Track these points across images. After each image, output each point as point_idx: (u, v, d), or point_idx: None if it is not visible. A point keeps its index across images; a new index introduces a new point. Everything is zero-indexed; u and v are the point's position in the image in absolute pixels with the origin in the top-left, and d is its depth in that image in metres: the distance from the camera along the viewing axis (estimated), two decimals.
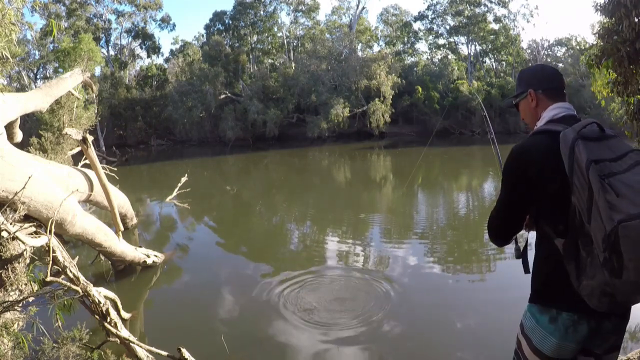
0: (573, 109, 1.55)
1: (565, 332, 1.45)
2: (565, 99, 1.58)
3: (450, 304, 4.70)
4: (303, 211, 10.32)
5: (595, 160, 1.28)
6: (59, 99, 7.99)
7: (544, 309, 1.49)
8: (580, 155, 1.30)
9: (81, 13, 27.54)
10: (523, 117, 1.68)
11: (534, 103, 1.59)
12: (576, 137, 1.34)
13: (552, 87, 1.58)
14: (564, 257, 1.41)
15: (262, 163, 20.57)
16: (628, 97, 4.40)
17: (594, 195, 1.25)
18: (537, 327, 1.50)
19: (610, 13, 4.17)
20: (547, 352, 1.49)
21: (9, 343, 2.89)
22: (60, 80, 6.54)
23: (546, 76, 1.61)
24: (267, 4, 30.71)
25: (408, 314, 4.44)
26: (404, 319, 4.30)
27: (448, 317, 4.37)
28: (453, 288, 5.26)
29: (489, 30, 32.09)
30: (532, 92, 1.59)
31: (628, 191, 1.23)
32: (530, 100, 1.60)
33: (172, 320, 4.59)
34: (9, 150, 4.06)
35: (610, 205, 1.22)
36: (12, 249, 3.45)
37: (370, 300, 4.73)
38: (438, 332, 4.15)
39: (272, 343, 3.95)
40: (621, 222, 1.19)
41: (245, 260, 6.57)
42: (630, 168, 1.30)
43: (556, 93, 1.57)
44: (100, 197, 5.96)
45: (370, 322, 4.21)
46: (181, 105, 26.00)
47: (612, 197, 1.22)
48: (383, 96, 26.31)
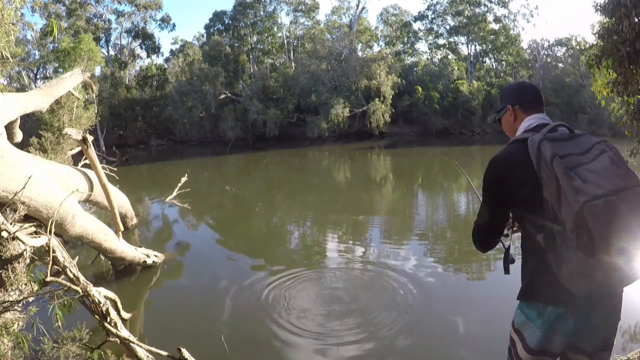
0: (547, 119, 1.66)
1: (552, 325, 1.50)
2: (542, 110, 1.69)
3: (462, 310, 4.68)
4: (303, 211, 10.32)
5: (561, 155, 1.39)
6: (59, 99, 7.99)
7: (532, 304, 1.55)
8: (545, 152, 1.41)
9: (81, 13, 27.52)
10: (505, 130, 1.79)
11: (512, 117, 1.72)
12: (542, 138, 1.45)
13: (528, 101, 1.70)
14: (546, 251, 1.48)
15: (262, 163, 20.57)
16: (628, 97, 4.41)
17: (561, 185, 1.34)
18: (526, 321, 1.57)
19: (610, 13, 4.17)
20: (535, 346, 1.54)
21: (9, 343, 2.89)
22: (60, 80, 6.53)
23: (523, 92, 1.72)
24: (267, 4, 30.74)
25: (413, 316, 4.44)
26: (403, 320, 4.30)
27: (460, 325, 4.36)
28: (462, 292, 5.26)
29: (489, 30, 32.08)
30: (510, 107, 1.72)
31: (593, 176, 1.33)
32: (509, 115, 1.73)
33: (172, 320, 4.59)
34: (9, 150, 4.06)
35: (576, 190, 1.31)
36: (12, 249, 3.45)
37: (371, 301, 4.73)
38: (447, 335, 4.15)
39: (272, 343, 3.95)
40: (586, 203, 1.28)
41: (245, 260, 6.57)
42: (595, 157, 1.40)
43: (532, 107, 1.68)
44: (100, 197, 5.96)
45: (371, 323, 4.21)
46: (181, 105, 26.01)
47: (578, 182, 1.32)
48: (383, 96, 26.32)
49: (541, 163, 1.41)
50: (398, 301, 4.68)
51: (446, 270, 5.75)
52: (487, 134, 26.83)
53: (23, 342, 2.92)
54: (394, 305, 4.57)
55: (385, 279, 5.28)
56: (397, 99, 27.08)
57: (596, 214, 1.27)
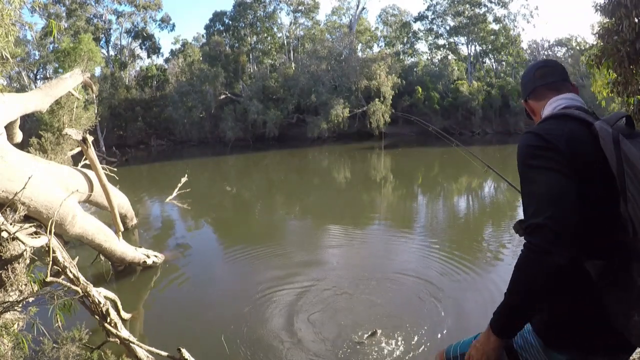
0: (578, 99, 1.30)
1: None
2: (564, 91, 1.33)
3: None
4: (303, 211, 10.31)
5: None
6: (59, 99, 7.99)
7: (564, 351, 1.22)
8: (631, 155, 1.05)
9: (81, 13, 27.56)
10: None
11: (531, 113, 1.43)
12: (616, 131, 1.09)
13: (537, 86, 1.37)
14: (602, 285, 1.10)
15: (262, 163, 20.56)
16: (628, 97, 4.41)
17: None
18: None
19: (610, 13, 4.18)
20: None
21: (9, 343, 2.89)
22: (60, 80, 6.53)
23: (529, 80, 1.41)
24: (267, 4, 30.75)
25: (407, 314, 4.44)
26: (405, 322, 4.30)
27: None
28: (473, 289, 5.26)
29: (489, 31, 32.11)
30: (523, 102, 1.46)
31: None
32: (529, 110, 1.45)
33: (172, 320, 4.59)
34: (9, 151, 4.06)
35: None
36: (12, 249, 3.45)
37: (374, 302, 4.73)
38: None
39: (272, 343, 3.94)
40: None
41: (245, 260, 6.56)
42: None
43: (550, 88, 1.35)
44: (100, 197, 5.95)
45: (373, 324, 4.21)
46: (181, 106, 26.04)
47: None
48: (383, 96, 26.33)
49: (625, 169, 1.04)
50: (409, 309, 4.68)
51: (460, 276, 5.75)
52: (487, 134, 26.86)
53: (23, 343, 2.92)
54: (406, 312, 4.57)
55: (388, 283, 5.27)
56: (397, 99, 27.11)
57: None
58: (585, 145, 1.11)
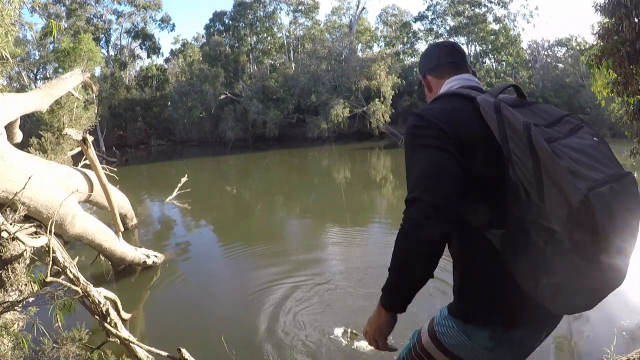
0: (476, 81, 1.31)
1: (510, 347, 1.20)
2: (467, 71, 1.37)
3: None
4: (304, 211, 10.31)
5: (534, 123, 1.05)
6: (59, 100, 7.98)
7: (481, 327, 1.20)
8: (512, 119, 1.05)
9: (81, 13, 27.55)
10: None
11: (427, 89, 1.42)
12: (498, 100, 1.11)
13: (441, 63, 1.37)
14: (505, 254, 1.09)
15: (262, 163, 20.56)
16: (628, 97, 4.41)
17: (544, 164, 0.99)
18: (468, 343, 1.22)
19: (610, 13, 4.18)
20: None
21: (9, 343, 2.89)
22: (60, 80, 6.53)
23: (433, 56, 1.41)
24: (267, 4, 30.73)
25: None
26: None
27: None
28: None
29: (488, 31, 32.09)
30: (421, 78, 1.45)
31: (581, 156, 1.01)
32: (424, 87, 1.44)
33: (172, 320, 4.59)
34: (8, 151, 4.05)
35: (572, 173, 0.96)
36: (12, 249, 3.45)
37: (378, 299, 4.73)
38: None
39: (272, 343, 3.94)
40: (591, 190, 0.94)
41: (245, 260, 6.56)
42: (572, 132, 1.09)
43: (452, 67, 1.36)
44: (100, 197, 5.96)
45: None
46: (181, 106, 26.04)
47: (569, 163, 0.98)
48: (383, 96, 26.32)
49: (508, 133, 1.04)
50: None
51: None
52: None
53: (23, 343, 2.92)
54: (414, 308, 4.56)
55: None
56: (397, 100, 27.10)
57: (603, 205, 0.94)
58: (468, 119, 1.12)
